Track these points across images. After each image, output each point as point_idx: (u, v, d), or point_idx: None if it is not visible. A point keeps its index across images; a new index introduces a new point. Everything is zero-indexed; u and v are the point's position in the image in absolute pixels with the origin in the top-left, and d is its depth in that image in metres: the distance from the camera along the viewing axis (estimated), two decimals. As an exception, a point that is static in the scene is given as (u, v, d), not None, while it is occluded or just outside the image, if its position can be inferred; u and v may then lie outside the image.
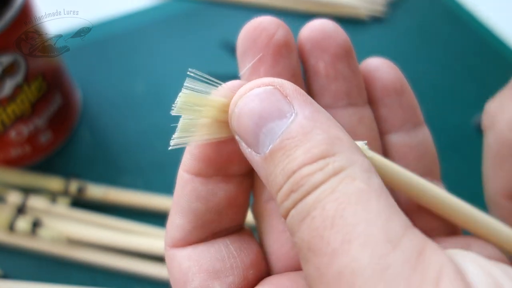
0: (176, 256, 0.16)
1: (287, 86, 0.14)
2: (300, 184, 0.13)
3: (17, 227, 0.29)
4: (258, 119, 0.14)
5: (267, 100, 0.14)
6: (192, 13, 0.45)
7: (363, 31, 0.44)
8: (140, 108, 0.38)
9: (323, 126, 0.13)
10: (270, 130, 0.13)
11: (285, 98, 0.14)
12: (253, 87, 0.14)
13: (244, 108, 0.14)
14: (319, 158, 0.13)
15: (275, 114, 0.13)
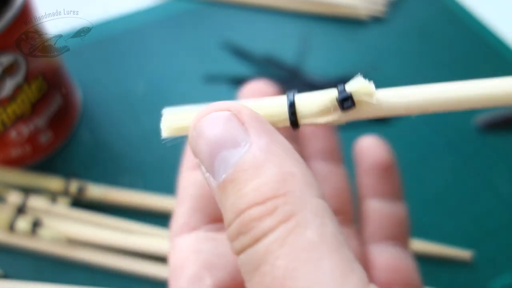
0: (178, 244, 0.16)
1: (245, 112, 0.13)
2: (249, 227, 0.12)
3: (17, 227, 0.29)
4: (213, 145, 0.13)
5: (222, 126, 0.13)
6: (192, 13, 0.45)
7: (363, 31, 0.44)
8: (140, 108, 0.38)
9: (277, 159, 0.12)
10: (224, 158, 0.13)
11: (242, 126, 0.13)
12: (211, 111, 0.14)
13: (201, 132, 0.13)
14: (269, 198, 0.12)
15: (230, 142, 0.13)
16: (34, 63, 0.29)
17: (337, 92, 0.14)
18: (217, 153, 0.13)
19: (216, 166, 0.13)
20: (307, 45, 0.43)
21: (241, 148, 0.13)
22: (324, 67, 0.41)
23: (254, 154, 0.12)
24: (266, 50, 0.42)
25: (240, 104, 0.14)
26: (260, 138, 0.13)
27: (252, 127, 0.13)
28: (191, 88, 0.39)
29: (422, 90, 0.14)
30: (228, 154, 0.13)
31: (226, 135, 0.13)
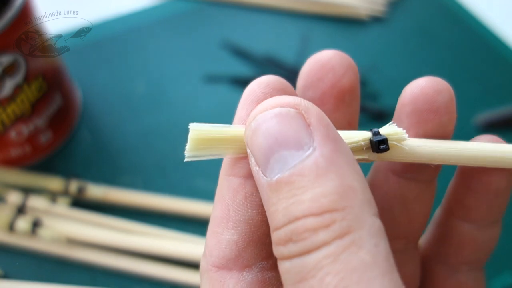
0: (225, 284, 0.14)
1: (313, 113, 0.13)
2: (301, 237, 0.11)
3: (17, 227, 0.29)
4: (273, 142, 0.12)
5: (287, 124, 0.12)
6: (192, 13, 0.45)
7: (363, 31, 0.44)
8: (140, 108, 0.38)
9: (340, 170, 0.12)
10: (283, 157, 0.12)
11: (307, 127, 0.12)
12: (276, 105, 0.13)
13: (261, 125, 0.13)
14: (326, 211, 0.11)
15: (292, 143, 0.12)
16: (34, 63, 0.29)
17: (372, 134, 0.14)
18: (276, 151, 0.12)
19: (271, 163, 0.12)
20: (307, 45, 0.43)
21: (304, 151, 0.12)
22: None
23: (317, 161, 0.12)
24: (266, 50, 0.41)
25: (308, 103, 0.13)
26: (325, 145, 0.12)
27: (318, 130, 0.12)
28: (191, 88, 0.39)
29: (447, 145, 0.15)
30: (288, 154, 0.12)
31: (290, 134, 0.12)
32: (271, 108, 0.13)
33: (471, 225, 0.17)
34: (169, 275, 0.28)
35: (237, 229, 0.14)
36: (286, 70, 0.40)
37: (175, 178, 0.34)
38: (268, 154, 0.12)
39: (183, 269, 0.29)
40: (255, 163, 0.13)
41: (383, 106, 0.37)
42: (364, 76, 0.39)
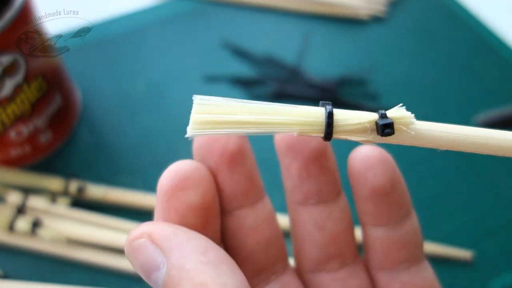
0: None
1: (156, 232, 0.14)
2: None
3: (17, 227, 0.29)
4: (143, 272, 0.14)
5: (143, 254, 0.14)
6: (192, 13, 0.45)
7: (363, 31, 0.44)
8: (140, 108, 0.38)
9: (189, 274, 0.13)
10: (155, 280, 0.14)
11: (157, 248, 0.14)
12: (132, 239, 0.15)
13: (131, 260, 0.15)
14: None
15: (153, 267, 0.14)
16: (34, 63, 0.29)
17: (378, 116, 0.14)
18: (149, 277, 0.14)
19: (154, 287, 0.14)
20: (307, 45, 0.43)
21: (162, 269, 0.14)
22: (324, 67, 0.41)
23: (170, 274, 0.13)
24: (266, 50, 0.41)
25: (151, 225, 0.15)
26: (172, 256, 0.14)
27: (164, 246, 0.14)
28: (191, 88, 0.39)
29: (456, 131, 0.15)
30: (155, 277, 0.14)
31: (149, 261, 0.14)
32: (128, 244, 0.15)
33: (383, 228, 0.18)
34: (169, 275, 0.28)
35: None
36: (286, 70, 0.40)
37: (175, 178, 0.34)
38: (148, 281, 0.14)
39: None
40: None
41: (383, 106, 0.37)
42: (364, 76, 0.39)
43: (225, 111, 0.14)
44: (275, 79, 0.40)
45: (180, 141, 0.35)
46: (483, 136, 0.14)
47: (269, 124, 0.14)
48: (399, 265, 0.19)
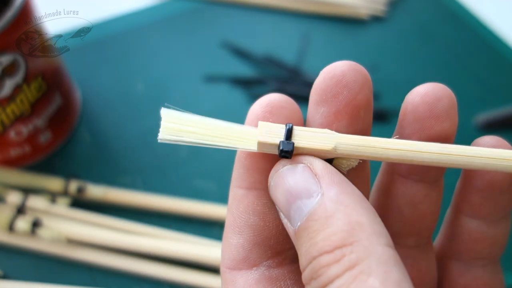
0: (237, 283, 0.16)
1: (317, 165, 0.14)
2: (318, 274, 0.13)
3: (16, 227, 0.29)
4: (289, 196, 0.14)
5: (297, 178, 0.14)
6: (192, 13, 0.45)
7: (363, 31, 0.44)
8: (140, 108, 0.38)
9: (347, 209, 0.13)
10: (299, 207, 0.14)
11: (314, 177, 0.14)
12: (286, 164, 0.15)
13: (278, 183, 0.15)
14: (337, 247, 0.13)
15: (303, 193, 0.14)
16: (34, 63, 0.29)
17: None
18: (292, 203, 0.14)
19: (292, 214, 0.14)
20: (307, 45, 0.43)
21: (314, 198, 0.14)
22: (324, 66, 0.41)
23: (325, 205, 0.13)
24: (266, 50, 0.41)
25: (313, 158, 0.15)
26: (331, 189, 0.14)
27: (323, 178, 0.14)
28: (191, 88, 0.39)
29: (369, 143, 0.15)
30: (302, 204, 0.14)
31: (301, 186, 0.14)
32: (282, 166, 0.15)
33: (479, 221, 0.18)
34: (169, 275, 0.28)
35: (242, 234, 0.16)
36: (285, 70, 0.40)
37: (175, 178, 0.34)
38: (288, 207, 0.14)
39: (183, 269, 0.29)
40: (283, 216, 0.15)
41: (383, 106, 0.37)
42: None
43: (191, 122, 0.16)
44: (275, 79, 0.39)
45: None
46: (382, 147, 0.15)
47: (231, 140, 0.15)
48: (478, 260, 0.19)
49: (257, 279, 0.16)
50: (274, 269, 0.16)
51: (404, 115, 0.16)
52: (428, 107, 0.16)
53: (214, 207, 0.31)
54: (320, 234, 0.13)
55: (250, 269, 0.16)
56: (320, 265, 0.13)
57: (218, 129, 0.15)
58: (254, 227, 0.16)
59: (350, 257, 0.12)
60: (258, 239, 0.16)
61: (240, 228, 0.16)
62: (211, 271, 0.29)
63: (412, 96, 0.16)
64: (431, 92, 0.16)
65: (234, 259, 0.16)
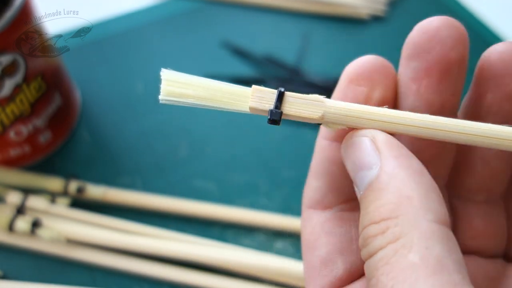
0: (312, 219, 0.18)
1: (379, 138, 0.15)
2: (366, 243, 0.14)
3: (16, 227, 0.29)
4: (354, 166, 0.15)
5: (360, 150, 0.15)
6: (192, 13, 0.45)
7: (363, 31, 0.44)
8: (140, 108, 0.37)
9: (398, 183, 0.13)
10: (361, 177, 0.15)
11: (375, 150, 0.15)
12: (352, 136, 0.15)
13: (346, 154, 0.16)
14: (383, 219, 0.13)
15: (365, 164, 0.15)
16: (34, 63, 0.29)
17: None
18: (357, 172, 0.15)
19: (358, 183, 0.15)
20: (307, 44, 0.43)
21: (373, 170, 0.14)
22: (324, 66, 0.41)
23: (380, 177, 0.14)
24: (266, 50, 0.41)
25: (377, 132, 0.15)
26: (388, 163, 0.14)
27: (383, 151, 0.14)
28: (191, 88, 0.39)
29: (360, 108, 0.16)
30: (363, 174, 0.15)
31: (362, 158, 0.15)
32: (350, 139, 0.15)
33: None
34: (169, 275, 0.28)
35: (321, 179, 0.18)
36: (286, 70, 0.40)
37: (175, 178, 0.34)
38: (355, 176, 0.15)
39: (183, 269, 0.29)
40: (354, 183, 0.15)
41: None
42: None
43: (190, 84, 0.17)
44: (275, 79, 0.39)
45: (180, 141, 0.35)
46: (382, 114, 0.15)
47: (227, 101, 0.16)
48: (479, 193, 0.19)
49: (329, 218, 0.18)
50: (345, 212, 0.18)
51: (480, 71, 0.17)
52: (505, 64, 0.16)
53: (214, 207, 0.31)
54: (372, 204, 0.14)
55: (324, 210, 0.18)
56: (368, 235, 0.14)
57: (217, 90, 0.16)
58: (331, 174, 0.18)
59: (394, 230, 0.13)
60: (333, 185, 0.18)
61: (320, 174, 0.18)
62: (211, 271, 0.29)
63: (488, 53, 0.17)
64: (509, 49, 0.16)
65: (312, 199, 0.18)
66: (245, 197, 0.33)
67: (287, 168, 0.34)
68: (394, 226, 0.13)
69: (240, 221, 0.31)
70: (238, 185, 0.33)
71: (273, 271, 0.28)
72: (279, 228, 0.31)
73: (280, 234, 0.31)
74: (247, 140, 0.36)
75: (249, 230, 0.31)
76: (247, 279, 0.28)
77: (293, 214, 0.31)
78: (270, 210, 0.32)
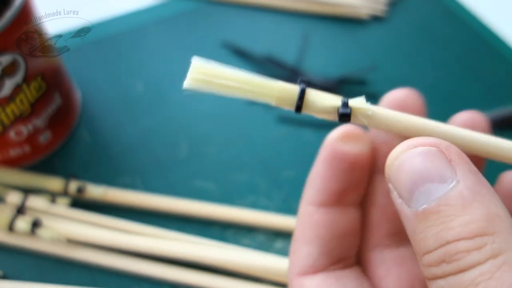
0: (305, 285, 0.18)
1: (453, 150, 0.14)
2: (454, 258, 0.13)
3: (16, 227, 0.29)
4: (417, 178, 0.14)
5: (430, 161, 0.14)
6: (192, 13, 0.45)
7: (363, 31, 0.44)
8: (140, 108, 0.37)
9: (484, 200, 0.13)
10: (427, 190, 0.14)
11: (449, 163, 0.14)
12: (417, 145, 0.14)
13: (405, 163, 0.14)
14: (477, 235, 0.13)
15: (436, 177, 0.14)
16: (34, 63, 0.29)
17: (341, 104, 0.16)
18: (421, 185, 0.14)
19: (416, 196, 0.14)
20: (307, 44, 0.43)
21: (447, 184, 0.14)
22: (324, 66, 0.41)
23: (462, 192, 0.13)
24: (266, 50, 0.41)
25: (447, 143, 0.14)
26: (468, 178, 0.14)
27: (459, 165, 0.14)
28: (191, 88, 0.39)
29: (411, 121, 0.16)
30: (432, 187, 0.14)
31: (433, 170, 0.14)
32: (413, 147, 0.14)
33: None
34: (169, 275, 0.28)
35: (311, 243, 0.18)
36: (286, 70, 0.40)
37: (175, 178, 0.34)
38: (413, 188, 0.14)
39: (183, 269, 0.29)
40: (397, 196, 0.15)
41: (383, 106, 0.37)
42: (364, 76, 0.39)
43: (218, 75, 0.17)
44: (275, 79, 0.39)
45: (180, 141, 0.35)
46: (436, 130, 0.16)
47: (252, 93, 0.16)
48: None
49: (323, 278, 0.18)
50: (338, 271, 0.18)
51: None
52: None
53: (214, 207, 0.31)
54: (456, 220, 0.13)
55: (316, 273, 0.18)
56: (458, 250, 0.13)
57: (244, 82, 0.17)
58: (322, 238, 0.18)
59: (492, 246, 0.13)
60: (325, 249, 0.18)
61: (309, 239, 0.18)
62: (211, 271, 0.29)
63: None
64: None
65: (303, 266, 0.18)
66: (245, 197, 0.33)
67: (287, 168, 0.34)
68: (491, 242, 0.13)
69: (240, 221, 0.31)
70: (238, 185, 0.33)
71: (273, 271, 0.28)
72: (279, 228, 0.31)
73: (280, 234, 0.31)
74: (247, 140, 0.36)
75: (249, 230, 0.31)
76: (247, 279, 0.28)
77: (293, 214, 0.31)
78: (270, 210, 0.32)
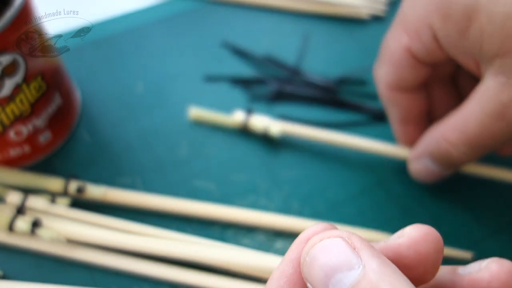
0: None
1: (355, 238, 0.15)
2: None
3: (16, 227, 0.29)
4: (328, 270, 0.15)
5: (337, 252, 0.15)
6: (192, 13, 0.45)
7: (363, 30, 0.44)
8: (140, 108, 0.38)
9: (390, 279, 0.14)
10: (339, 280, 0.14)
11: (353, 250, 0.15)
12: (323, 238, 0.15)
13: (315, 258, 0.15)
14: None
15: (344, 266, 0.15)
16: (33, 63, 0.29)
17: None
18: (332, 276, 0.15)
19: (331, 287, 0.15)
20: (307, 44, 0.43)
21: (355, 270, 0.14)
22: (324, 66, 0.41)
23: (368, 276, 0.14)
24: (266, 50, 0.41)
25: (349, 232, 0.15)
26: (372, 261, 0.14)
27: (363, 251, 0.15)
28: (191, 88, 0.39)
29: None
30: (343, 276, 0.14)
31: (341, 259, 0.15)
32: (319, 241, 0.15)
33: None
34: (169, 275, 0.28)
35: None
36: (286, 70, 0.40)
37: (175, 178, 0.34)
38: (326, 282, 0.15)
39: (183, 269, 0.29)
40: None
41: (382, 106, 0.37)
42: (364, 76, 0.39)
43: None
44: (275, 79, 0.39)
45: (180, 141, 0.35)
46: None
47: None
48: None
49: None
50: None
51: None
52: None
53: (214, 207, 0.31)
54: None
55: None
56: None
57: None
58: None
59: None
60: None
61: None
62: (211, 271, 0.29)
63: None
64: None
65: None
66: (245, 197, 0.33)
67: (287, 168, 0.34)
68: None
69: (240, 221, 0.31)
70: (238, 185, 0.33)
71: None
72: (279, 228, 0.31)
73: (280, 234, 0.31)
74: (247, 140, 0.36)
75: (249, 230, 0.31)
76: (247, 279, 0.28)
77: (293, 214, 0.31)
78: (270, 210, 0.32)
